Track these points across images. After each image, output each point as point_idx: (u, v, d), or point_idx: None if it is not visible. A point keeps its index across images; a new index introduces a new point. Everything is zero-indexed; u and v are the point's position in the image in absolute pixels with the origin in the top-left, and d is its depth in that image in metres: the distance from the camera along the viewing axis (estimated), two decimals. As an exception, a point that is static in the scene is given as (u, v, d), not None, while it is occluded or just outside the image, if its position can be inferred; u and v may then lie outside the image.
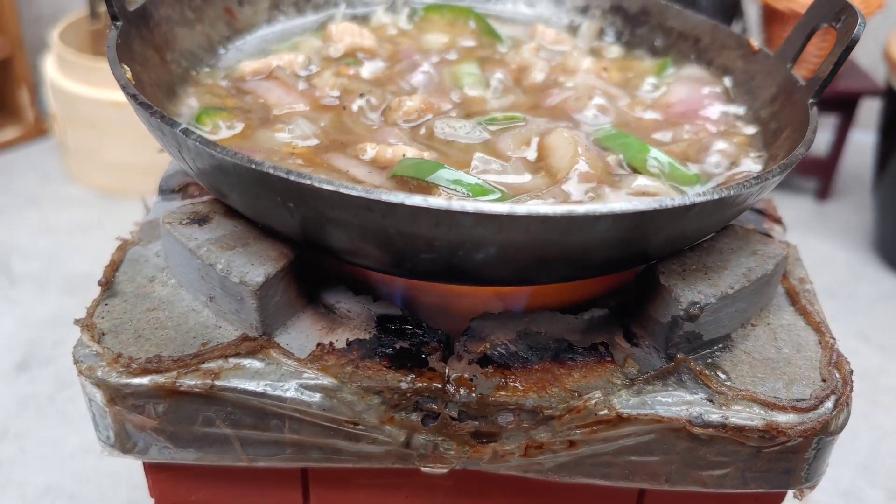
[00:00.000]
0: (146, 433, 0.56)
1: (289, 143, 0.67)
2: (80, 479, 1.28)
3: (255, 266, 0.55)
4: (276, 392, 0.54)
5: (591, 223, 0.47)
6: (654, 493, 0.64)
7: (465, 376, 0.55)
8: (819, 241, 2.04)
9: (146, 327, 0.58)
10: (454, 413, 0.55)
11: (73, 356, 0.56)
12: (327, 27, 0.87)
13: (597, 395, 0.54)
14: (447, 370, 0.55)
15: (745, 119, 0.77)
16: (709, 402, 0.55)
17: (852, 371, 0.58)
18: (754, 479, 0.57)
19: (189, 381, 0.54)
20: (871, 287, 1.90)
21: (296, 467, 0.63)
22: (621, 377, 0.56)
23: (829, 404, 0.55)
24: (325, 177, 0.47)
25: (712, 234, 0.62)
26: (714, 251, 0.60)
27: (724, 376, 0.57)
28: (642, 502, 0.66)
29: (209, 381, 0.54)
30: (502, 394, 0.54)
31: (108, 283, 0.62)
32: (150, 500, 0.68)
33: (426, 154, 0.66)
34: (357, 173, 0.64)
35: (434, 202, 0.45)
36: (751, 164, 0.70)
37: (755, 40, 0.81)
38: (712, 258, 0.59)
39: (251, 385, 0.54)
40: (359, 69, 0.81)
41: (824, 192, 2.20)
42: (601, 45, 0.93)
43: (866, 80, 2.02)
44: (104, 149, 1.91)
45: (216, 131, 0.68)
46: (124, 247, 0.67)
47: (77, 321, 0.58)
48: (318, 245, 0.55)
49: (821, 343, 0.61)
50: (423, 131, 0.71)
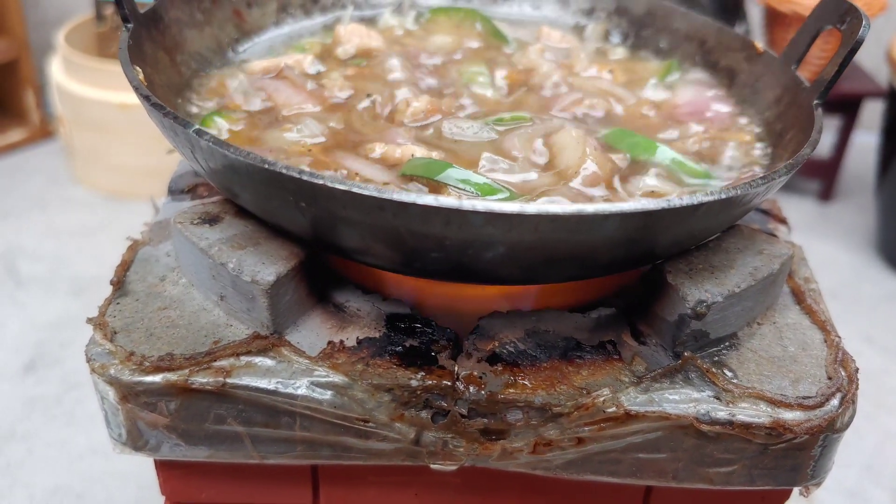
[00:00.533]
0: (158, 431, 0.57)
1: (298, 143, 0.68)
2: (88, 480, 1.28)
3: (267, 265, 0.56)
4: (288, 390, 0.55)
5: (599, 222, 0.48)
6: (662, 490, 0.65)
7: (475, 374, 0.55)
8: (822, 242, 2.04)
9: (158, 326, 0.59)
10: (463, 410, 0.55)
11: (86, 354, 0.56)
12: (336, 29, 0.87)
13: (605, 393, 0.54)
14: (457, 368, 0.56)
15: (749, 120, 0.78)
16: (716, 400, 0.55)
17: (857, 369, 0.58)
18: (761, 476, 0.58)
19: (201, 379, 0.55)
20: (875, 288, 1.90)
21: (306, 464, 0.64)
22: (629, 375, 0.57)
23: (835, 402, 0.56)
24: (337, 176, 0.47)
25: (718, 234, 0.63)
26: (720, 250, 0.61)
27: (730, 374, 0.57)
28: (649, 499, 0.66)
29: (221, 379, 0.54)
30: (511, 391, 0.55)
31: (119, 283, 0.62)
32: (158, 500, 0.69)
33: (434, 154, 0.67)
34: (366, 173, 0.64)
35: (445, 201, 0.46)
36: (756, 165, 0.70)
37: (758, 42, 0.82)
38: (719, 257, 0.60)
39: (262, 383, 0.55)
40: (367, 70, 0.82)
41: (827, 194, 2.20)
42: (606, 46, 0.94)
43: (869, 81, 2.02)
44: (110, 151, 1.92)
45: (224, 133, 0.69)
46: (135, 247, 0.67)
47: (89, 320, 0.59)
48: (329, 244, 0.55)
49: (826, 341, 0.61)
50: (431, 131, 0.72)
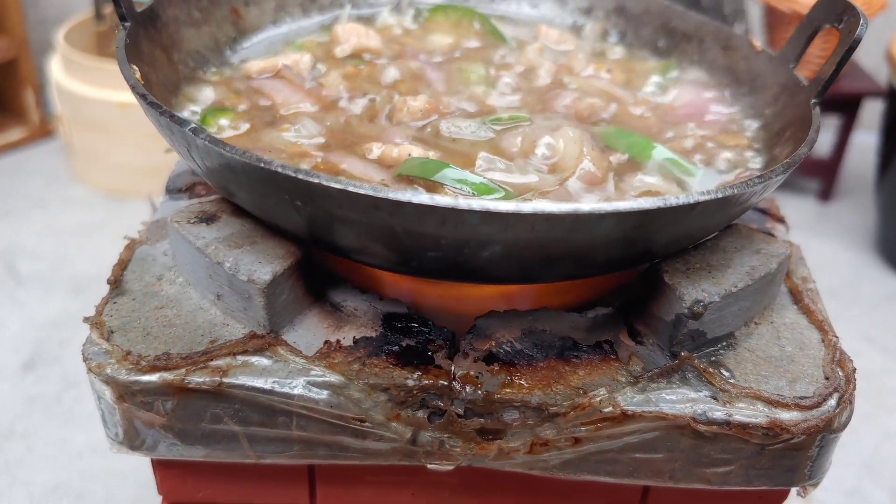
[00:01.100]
0: (155, 430, 0.57)
1: (295, 143, 0.68)
2: (87, 478, 1.28)
3: (263, 264, 0.56)
4: (284, 389, 0.55)
5: (595, 221, 0.48)
6: (659, 490, 0.65)
7: (471, 374, 0.55)
8: (822, 241, 2.04)
9: (155, 325, 0.59)
10: (460, 410, 0.55)
11: (83, 353, 0.56)
12: (333, 28, 0.87)
13: (602, 393, 0.54)
14: (453, 368, 0.56)
15: (747, 120, 0.77)
16: (713, 400, 0.55)
17: (855, 369, 0.58)
18: (758, 477, 0.58)
19: (197, 379, 0.54)
20: (874, 288, 1.90)
21: (303, 464, 0.64)
22: (626, 375, 0.57)
23: (832, 402, 0.56)
24: (332, 175, 0.47)
25: (716, 233, 0.62)
26: (718, 250, 0.61)
27: (727, 374, 0.57)
28: (646, 499, 0.66)
29: (217, 379, 0.54)
30: (508, 391, 0.54)
31: (116, 282, 0.62)
32: (156, 498, 0.69)
33: (431, 153, 0.67)
34: (363, 173, 0.64)
35: (441, 200, 0.46)
36: (754, 164, 0.70)
37: (757, 41, 0.82)
38: (716, 257, 0.60)
39: (259, 382, 0.55)
40: (364, 69, 0.82)
41: (827, 193, 2.20)
42: (605, 45, 0.94)
43: (868, 81, 2.02)
44: (109, 150, 1.92)
45: (222, 132, 0.69)
46: (132, 246, 0.67)
47: (86, 319, 0.59)
48: (325, 243, 0.55)
49: (824, 341, 0.61)
50: (429, 130, 0.72)
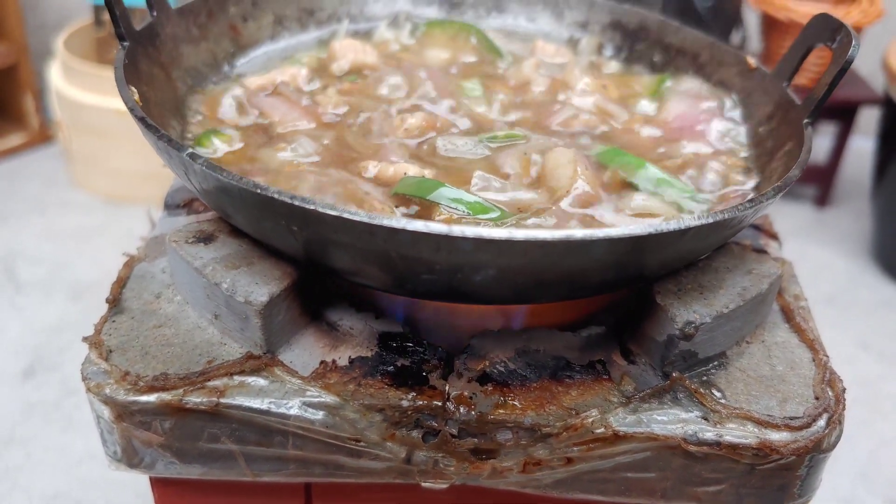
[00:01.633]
0: (153, 449, 0.58)
1: (292, 162, 0.69)
2: (86, 486, 1.29)
3: (260, 286, 0.56)
4: (280, 410, 0.55)
5: (588, 247, 0.48)
6: (651, 507, 0.65)
7: (465, 394, 0.56)
8: (818, 248, 2.05)
9: (153, 344, 0.59)
10: (454, 430, 0.56)
11: (82, 373, 0.57)
12: (331, 44, 0.88)
13: (594, 414, 0.55)
14: (447, 388, 0.56)
15: (741, 136, 0.78)
16: (704, 420, 0.56)
17: (844, 389, 0.59)
18: (748, 496, 0.58)
19: (195, 399, 0.55)
20: (871, 294, 1.90)
21: (299, 482, 0.64)
22: (618, 395, 0.57)
23: (821, 422, 0.57)
24: (328, 202, 0.48)
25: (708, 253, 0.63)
26: (710, 270, 0.61)
27: (719, 394, 0.58)
28: (639, 516, 0.67)
29: (215, 399, 0.55)
30: (501, 412, 0.55)
31: (115, 301, 0.63)
32: (155, 508, 0.69)
33: (427, 171, 0.67)
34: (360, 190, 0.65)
35: (434, 227, 0.47)
36: (745, 183, 0.71)
37: (755, 48, 0.82)
38: (708, 277, 0.61)
39: (256, 403, 0.55)
40: (361, 86, 0.83)
41: (823, 199, 2.21)
42: (600, 60, 0.94)
43: (865, 88, 2.03)
44: (109, 156, 1.93)
45: (218, 151, 0.69)
46: (131, 263, 0.68)
47: (85, 338, 0.59)
48: (321, 265, 0.56)
49: (814, 360, 0.62)
50: (426, 148, 0.73)
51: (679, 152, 0.76)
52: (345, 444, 0.57)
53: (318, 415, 0.55)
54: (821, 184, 2.19)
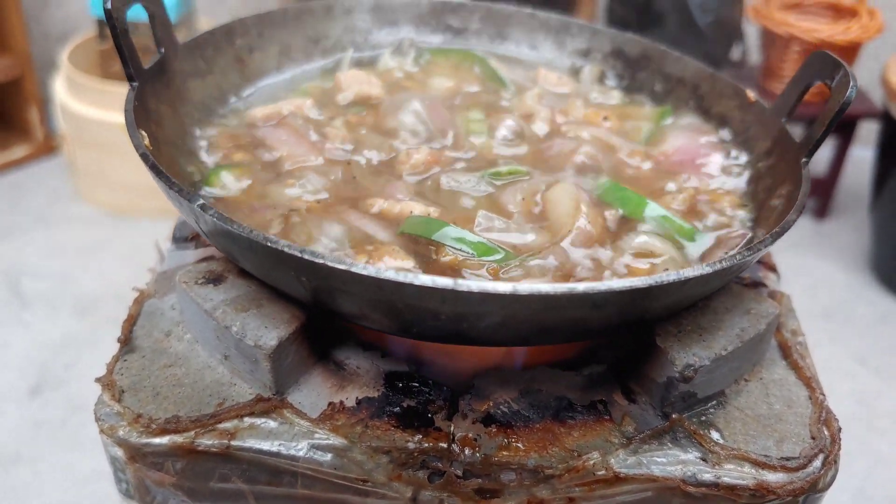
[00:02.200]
0: (165, 489, 0.59)
1: (299, 198, 0.70)
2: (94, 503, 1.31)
3: (269, 329, 0.58)
4: (290, 452, 0.57)
5: (590, 299, 0.50)
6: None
7: (470, 436, 0.57)
8: (817, 260, 2.06)
9: (164, 385, 0.61)
10: (459, 471, 0.57)
11: (95, 414, 0.58)
12: (336, 75, 0.89)
13: (595, 456, 0.56)
14: (452, 429, 0.58)
15: (740, 171, 0.79)
16: (702, 461, 0.57)
17: (840, 429, 0.60)
18: (746, 533, 0.60)
19: (206, 441, 0.56)
20: (869, 309, 1.91)
21: (307, 517, 0.66)
22: (619, 436, 0.59)
23: (817, 463, 0.58)
24: (337, 256, 0.49)
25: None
26: (709, 311, 0.63)
27: (717, 434, 0.59)
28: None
29: (226, 442, 0.56)
30: (505, 454, 0.57)
31: (126, 341, 0.64)
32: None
33: (432, 210, 0.69)
34: (367, 229, 0.66)
35: (440, 282, 0.48)
36: (744, 219, 0.72)
37: (755, 62, 0.83)
38: (707, 318, 0.62)
39: (266, 445, 0.57)
40: (367, 118, 0.84)
41: (823, 211, 2.22)
42: (603, 88, 0.96)
43: (865, 101, 2.04)
44: (113, 169, 1.94)
45: (227, 188, 0.70)
46: (140, 299, 0.69)
47: (98, 379, 0.61)
48: (328, 310, 0.57)
49: (811, 398, 0.63)
50: (430, 184, 0.74)
51: (680, 186, 0.77)
52: (352, 484, 0.58)
53: (327, 457, 0.57)
54: (820, 195, 2.20)
